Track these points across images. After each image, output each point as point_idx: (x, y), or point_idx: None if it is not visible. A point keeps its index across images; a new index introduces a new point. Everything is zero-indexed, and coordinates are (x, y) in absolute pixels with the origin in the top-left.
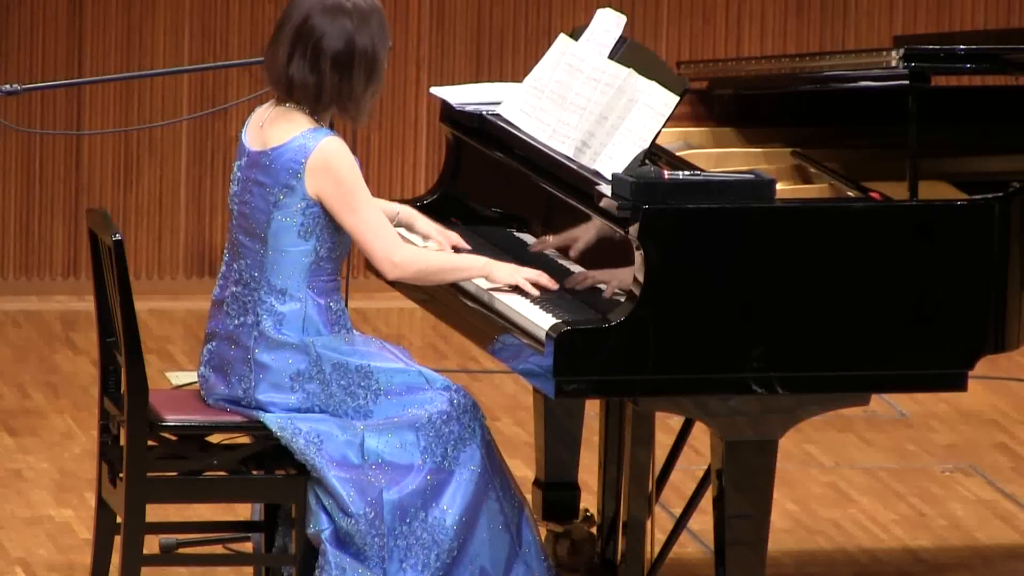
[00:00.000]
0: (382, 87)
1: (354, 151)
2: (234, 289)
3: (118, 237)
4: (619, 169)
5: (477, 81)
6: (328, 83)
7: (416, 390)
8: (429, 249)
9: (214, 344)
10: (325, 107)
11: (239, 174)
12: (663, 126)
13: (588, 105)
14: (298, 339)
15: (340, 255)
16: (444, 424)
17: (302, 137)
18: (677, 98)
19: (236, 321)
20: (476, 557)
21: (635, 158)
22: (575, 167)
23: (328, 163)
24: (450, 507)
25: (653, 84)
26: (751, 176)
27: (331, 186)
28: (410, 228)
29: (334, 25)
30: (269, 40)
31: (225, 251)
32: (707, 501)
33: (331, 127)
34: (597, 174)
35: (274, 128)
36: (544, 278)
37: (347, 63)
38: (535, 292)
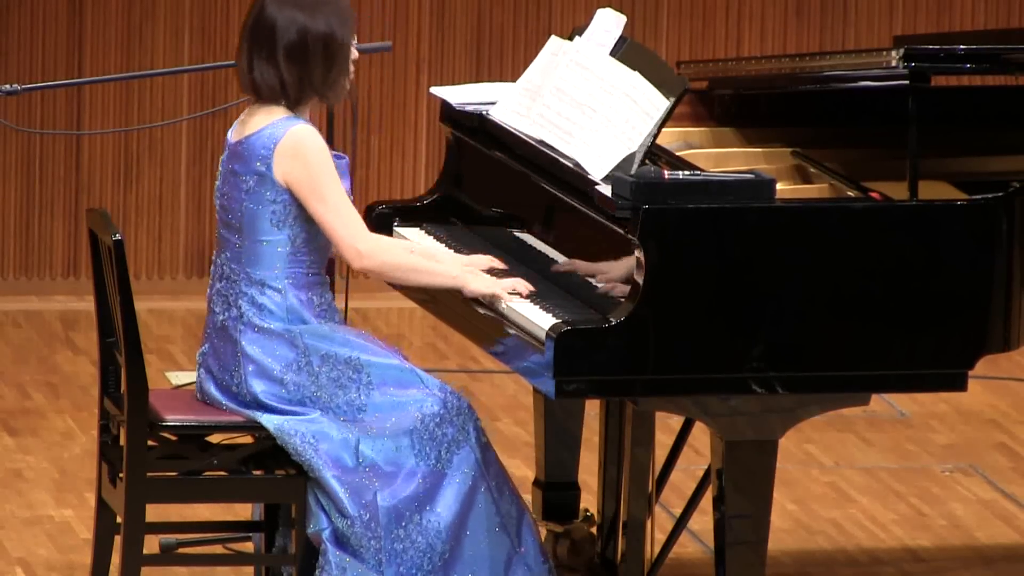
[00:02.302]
0: (351, 66)
1: (354, 152)
2: (218, 285)
3: (118, 237)
4: (598, 157)
5: (477, 81)
6: (288, 78)
7: (409, 386)
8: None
9: (207, 346)
10: (297, 101)
11: (220, 168)
12: (660, 126)
13: (584, 99)
14: (283, 328)
15: (320, 246)
16: (437, 427)
17: (273, 125)
18: (668, 101)
19: (222, 317)
20: (472, 560)
21: (629, 157)
22: (573, 166)
23: (297, 148)
24: (444, 510)
25: (648, 83)
26: (751, 176)
27: (299, 171)
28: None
29: (283, 17)
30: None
31: (214, 251)
32: (707, 501)
33: (330, 136)
34: (579, 165)
35: (252, 119)
36: (520, 284)
37: (302, 53)
38: (512, 299)
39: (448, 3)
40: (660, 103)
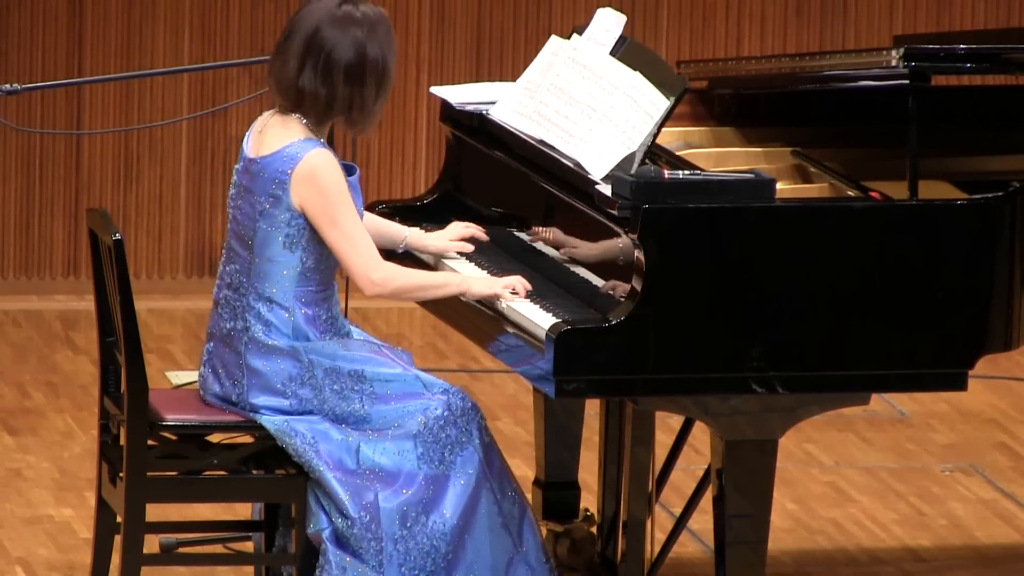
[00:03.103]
0: (388, 96)
1: (354, 152)
2: (226, 292)
3: (118, 237)
4: (598, 157)
5: (477, 81)
6: (340, 94)
7: (413, 396)
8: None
9: (212, 345)
10: (332, 117)
11: (235, 178)
12: (660, 126)
13: (583, 98)
14: (288, 344)
15: (329, 267)
16: (441, 429)
17: (291, 147)
18: (669, 100)
19: (228, 325)
20: (475, 559)
21: (629, 156)
22: (573, 166)
23: (313, 174)
24: (448, 511)
25: (648, 83)
26: (751, 175)
27: (314, 198)
28: (423, 251)
29: (345, 36)
30: (275, 51)
31: (223, 251)
32: (707, 501)
33: (330, 139)
34: (579, 165)
35: (269, 136)
36: (520, 283)
37: (359, 74)
38: (513, 299)
39: (448, 3)
40: (661, 103)
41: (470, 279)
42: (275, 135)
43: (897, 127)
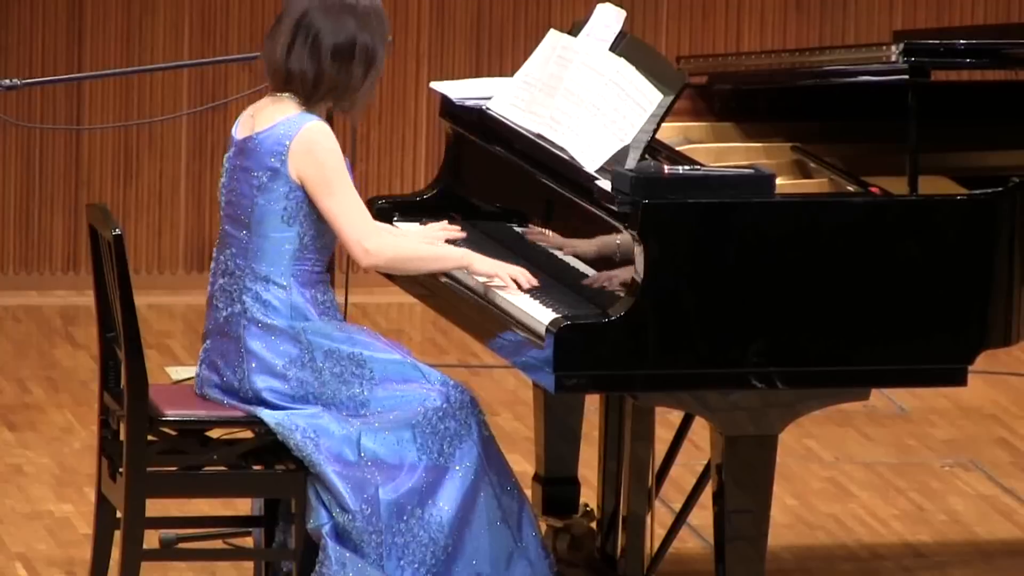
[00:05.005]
0: (378, 83)
1: (354, 147)
2: (221, 281)
3: (118, 232)
4: (588, 147)
5: (477, 76)
6: (327, 73)
7: (412, 381)
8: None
9: (209, 342)
10: (320, 97)
11: (227, 164)
12: (660, 121)
13: (573, 87)
14: (287, 324)
15: (325, 244)
16: (440, 421)
17: (288, 121)
18: (662, 95)
19: (225, 312)
20: (474, 554)
21: (626, 150)
22: (570, 160)
23: (311, 145)
24: (446, 504)
25: (634, 69)
26: (751, 171)
27: (312, 168)
28: None
29: (337, 19)
30: (268, 32)
31: (215, 248)
32: (707, 496)
33: (328, 122)
34: (568, 154)
35: (262, 115)
36: (524, 275)
37: (347, 55)
38: (513, 286)
39: None
40: (651, 93)
41: (472, 255)
42: (269, 113)
43: (897, 122)
